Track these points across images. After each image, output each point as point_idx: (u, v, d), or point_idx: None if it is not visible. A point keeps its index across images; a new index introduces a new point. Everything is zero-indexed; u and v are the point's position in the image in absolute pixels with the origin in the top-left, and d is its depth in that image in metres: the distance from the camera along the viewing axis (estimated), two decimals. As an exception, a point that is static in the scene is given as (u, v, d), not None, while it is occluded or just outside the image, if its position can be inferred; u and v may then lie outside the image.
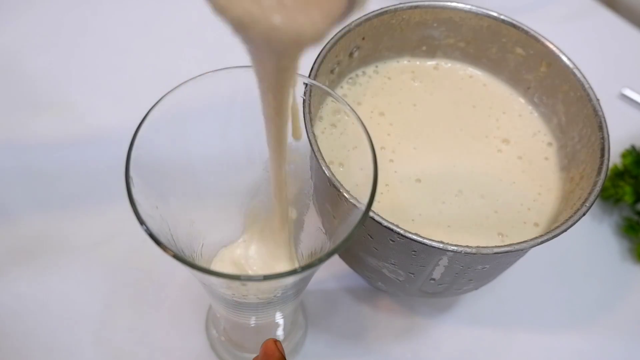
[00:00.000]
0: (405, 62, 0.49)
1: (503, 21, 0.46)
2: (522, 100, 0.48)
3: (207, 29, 0.66)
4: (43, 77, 0.61)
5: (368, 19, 0.44)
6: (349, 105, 0.33)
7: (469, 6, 0.46)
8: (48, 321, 0.47)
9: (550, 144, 0.47)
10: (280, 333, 0.45)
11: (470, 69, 0.49)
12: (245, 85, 0.34)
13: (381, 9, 0.44)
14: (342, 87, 0.47)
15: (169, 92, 0.32)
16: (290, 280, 0.32)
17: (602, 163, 0.40)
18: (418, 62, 0.49)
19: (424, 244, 0.35)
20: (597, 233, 0.56)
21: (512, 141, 0.46)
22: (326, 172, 0.36)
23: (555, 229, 0.37)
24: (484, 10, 0.46)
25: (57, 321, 0.47)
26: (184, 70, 0.61)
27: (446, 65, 0.50)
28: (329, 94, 0.33)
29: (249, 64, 0.27)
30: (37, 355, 0.46)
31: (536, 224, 0.43)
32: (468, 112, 0.47)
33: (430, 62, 0.49)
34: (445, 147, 0.45)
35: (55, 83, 0.60)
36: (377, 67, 0.49)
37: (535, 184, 0.45)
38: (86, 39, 0.64)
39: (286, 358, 0.34)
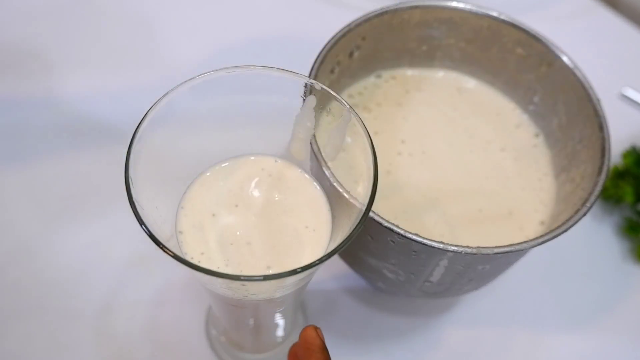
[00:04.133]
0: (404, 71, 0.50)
1: (503, 21, 0.46)
2: (512, 105, 0.49)
3: (207, 29, 0.66)
4: (43, 76, 0.61)
5: (368, 19, 0.44)
6: (348, 104, 0.33)
7: (469, 6, 0.46)
8: (48, 321, 0.47)
9: (537, 134, 0.47)
10: (280, 333, 0.45)
11: (465, 79, 0.50)
12: (246, 86, 0.34)
13: (381, 9, 0.44)
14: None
15: (168, 92, 0.32)
16: (290, 280, 0.32)
17: (602, 163, 0.40)
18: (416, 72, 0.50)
19: (424, 244, 0.35)
20: (597, 233, 0.56)
21: (492, 139, 0.47)
22: (326, 172, 0.35)
23: (555, 229, 0.37)
24: (484, 10, 0.46)
25: (58, 321, 0.47)
26: (184, 70, 0.61)
27: (438, 74, 0.50)
28: (335, 98, 0.33)
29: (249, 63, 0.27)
30: (38, 354, 0.46)
31: (542, 222, 0.43)
32: (454, 120, 0.48)
33: (426, 72, 0.50)
34: (438, 153, 0.46)
35: (55, 83, 0.60)
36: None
37: (532, 169, 0.45)
38: (86, 39, 0.64)
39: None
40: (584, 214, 0.37)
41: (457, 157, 0.46)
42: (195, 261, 0.32)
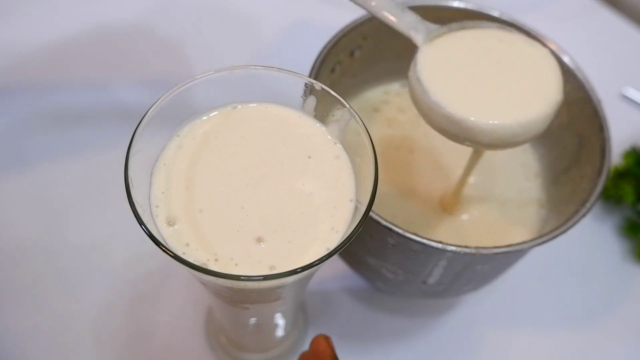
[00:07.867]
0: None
1: (505, 21, 0.45)
2: None
3: (208, 28, 0.66)
4: (43, 77, 0.61)
5: (369, 19, 0.44)
6: (348, 104, 0.33)
7: (470, 6, 0.46)
8: (48, 321, 0.47)
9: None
10: (280, 333, 0.45)
11: None
12: (246, 86, 0.34)
13: (382, 8, 0.44)
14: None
15: (168, 92, 0.32)
16: (290, 280, 0.32)
17: (602, 165, 0.40)
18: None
19: (422, 244, 0.35)
20: (598, 233, 0.56)
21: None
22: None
23: (555, 229, 0.37)
24: (486, 11, 0.46)
25: (57, 321, 0.47)
26: (183, 70, 0.61)
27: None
28: (336, 98, 0.33)
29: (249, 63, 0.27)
30: (38, 354, 0.46)
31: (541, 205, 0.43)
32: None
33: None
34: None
35: (56, 84, 0.60)
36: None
37: (526, 172, 0.45)
38: (86, 39, 0.64)
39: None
40: (584, 215, 0.37)
41: (454, 165, 0.46)
42: (184, 252, 0.31)
